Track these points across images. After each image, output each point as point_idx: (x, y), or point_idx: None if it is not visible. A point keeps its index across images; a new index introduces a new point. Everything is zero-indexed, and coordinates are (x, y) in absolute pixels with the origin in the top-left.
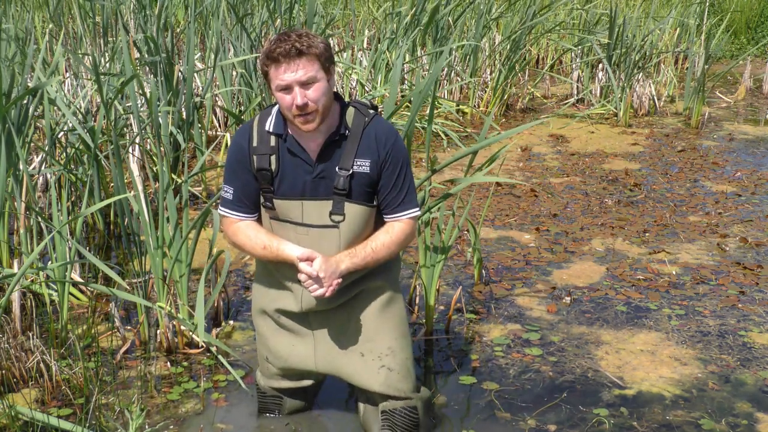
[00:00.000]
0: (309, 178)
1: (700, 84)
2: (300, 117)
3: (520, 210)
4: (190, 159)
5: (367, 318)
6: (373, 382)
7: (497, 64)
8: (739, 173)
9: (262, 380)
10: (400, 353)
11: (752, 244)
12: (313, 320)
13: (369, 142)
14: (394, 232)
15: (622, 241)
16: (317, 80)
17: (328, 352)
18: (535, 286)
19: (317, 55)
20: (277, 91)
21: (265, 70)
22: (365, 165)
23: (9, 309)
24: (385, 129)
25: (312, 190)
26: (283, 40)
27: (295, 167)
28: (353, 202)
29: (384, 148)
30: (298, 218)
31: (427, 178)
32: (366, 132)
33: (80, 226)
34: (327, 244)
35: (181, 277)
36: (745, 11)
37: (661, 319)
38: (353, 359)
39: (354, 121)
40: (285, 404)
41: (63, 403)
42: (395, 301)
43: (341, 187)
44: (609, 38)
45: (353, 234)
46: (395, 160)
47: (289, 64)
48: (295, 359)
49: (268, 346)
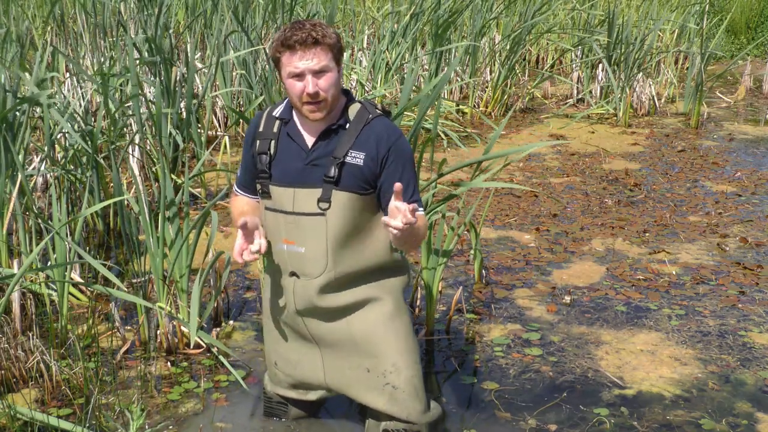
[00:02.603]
0: (302, 164)
1: (699, 84)
2: (309, 105)
3: (520, 210)
4: (190, 159)
5: (371, 333)
6: (377, 401)
7: (497, 64)
8: (739, 173)
9: (269, 385)
10: (405, 370)
11: (752, 244)
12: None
13: (368, 137)
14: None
15: (622, 241)
16: (329, 70)
17: (337, 367)
18: (535, 286)
19: (330, 46)
20: (289, 78)
21: (278, 57)
22: (359, 157)
23: (9, 309)
24: (388, 127)
25: (304, 177)
26: (299, 29)
27: (291, 153)
28: (340, 190)
29: (385, 145)
30: (289, 206)
31: (434, 181)
32: (367, 127)
33: (80, 227)
34: (313, 233)
35: (181, 277)
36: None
37: (661, 319)
38: (359, 375)
39: (356, 116)
40: (290, 412)
41: (63, 404)
42: (400, 315)
43: (331, 174)
44: (609, 38)
45: (340, 223)
46: (398, 158)
47: (305, 52)
48: (303, 370)
49: (278, 350)
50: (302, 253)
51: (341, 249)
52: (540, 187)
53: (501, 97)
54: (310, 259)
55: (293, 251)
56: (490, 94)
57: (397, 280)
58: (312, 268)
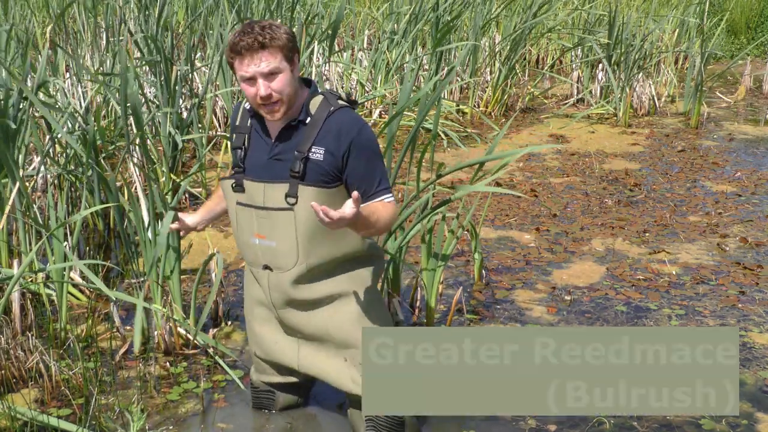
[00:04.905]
0: (266, 158)
1: (699, 84)
2: (265, 107)
3: (520, 210)
4: (190, 159)
5: (346, 325)
6: (354, 386)
7: (497, 63)
8: (739, 173)
9: (254, 375)
10: None
11: (752, 244)
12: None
13: (328, 132)
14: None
15: (622, 241)
16: (280, 71)
17: (313, 354)
18: (535, 286)
19: (280, 47)
20: (242, 82)
21: (230, 62)
22: (319, 153)
23: (9, 309)
24: (348, 120)
25: (270, 172)
26: (247, 33)
27: (258, 146)
28: (306, 185)
29: (346, 140)
30: (260, 201)
31: (432, 183)
32: (328, 121)
33: (79, 227)
34: (283, 228)
35: (169, 278)
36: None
37: (661, 319)
38: (338, 364)
39: (318, 109)
40: (278, 399)
41: (62, 404)
42: (374, 308)
43: (296, 170)
44: (609, 38)
45: (308, 217)
46: (360, 151)
47: (253, 57)
48: (281, 353)
49: (257, 339)
50: (273, 247)
51: (311, 242)
52: (540, 187)
53: (501, 97)
54: (281, 252)
55: (265, 245)
56: (491, 94)
57: (369, 270)
58: (283, 262)
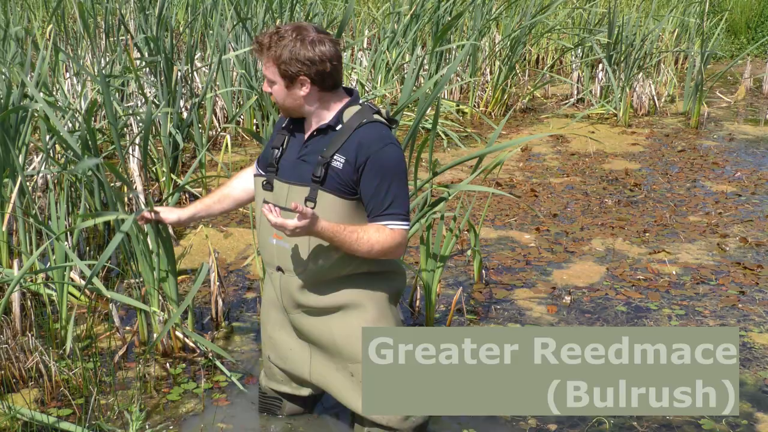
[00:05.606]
0: (295, 157)
1: (699, 84)
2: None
3: (520, 210)
4: (190, 159)
5: (352, 338)
6: (359, 406)
7: (497, 63)
8: (739, 173)
9: (264, 380)
10: None
11: (752, 244)
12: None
13: (353, 143)
14: (383, 235)
15: (622, 241)
16: (274, 83)
17: (323, 365)
18: (535, 286)
19: (273, 59)
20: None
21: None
22: (340, 161)
23: (9, 309)
24: (374, 135)
25: (296, 173)
26: (264, 33)
27: (292, 145)
28: (326, 191)
29: (365, 154)
30: (283, 202)
31: (428, 181)
32: (356, 132)
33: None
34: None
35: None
36: (745, 11)
37: (661, 319)
38: (344, 378)
39: (351, 119)
40: (284, 407)
41: (62, 404)
42: (382, 324)
43: (317, 174)
44: (609, 38)
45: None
46: (376, 168)
47: (260, 57)
48: (292, 364)
49: (271, 342)
50: (288, 249)
51: (323, 248)
52: (540, 187)
53: (501, 96)
54: (294, 255)
55: (281, 246)
56: (490, 94)
57: (384, 288)
58: (294, 265)
